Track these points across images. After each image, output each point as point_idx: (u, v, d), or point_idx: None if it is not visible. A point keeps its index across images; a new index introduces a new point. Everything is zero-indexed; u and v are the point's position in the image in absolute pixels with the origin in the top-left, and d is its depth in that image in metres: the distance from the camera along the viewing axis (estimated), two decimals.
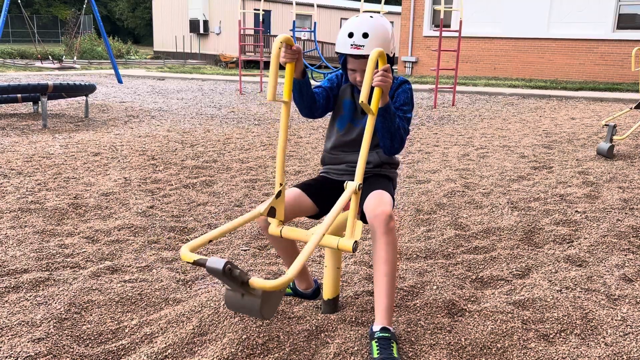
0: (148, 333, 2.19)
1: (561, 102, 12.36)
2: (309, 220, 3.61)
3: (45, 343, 2.09)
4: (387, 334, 2.03)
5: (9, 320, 2.26)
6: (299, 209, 2.28)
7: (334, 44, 26.49)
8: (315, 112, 2.34)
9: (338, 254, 2.28)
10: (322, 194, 2.31)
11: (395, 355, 1.98)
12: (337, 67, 13.41)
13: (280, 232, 2.09)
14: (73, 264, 2.88)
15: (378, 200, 2.09)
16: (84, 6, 20.00)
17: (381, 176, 2.34)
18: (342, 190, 2.08)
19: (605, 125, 6.02)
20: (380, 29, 2.16)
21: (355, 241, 1.98)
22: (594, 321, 2.31)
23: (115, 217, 3.66)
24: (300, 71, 2.19)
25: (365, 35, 2.13)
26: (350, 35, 2.15)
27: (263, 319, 1.78)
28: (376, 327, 2.06)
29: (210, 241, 1.85)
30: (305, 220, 3.62)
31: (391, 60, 2.24)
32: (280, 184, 2.09)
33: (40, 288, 2.58)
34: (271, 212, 2.08)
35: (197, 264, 1.66)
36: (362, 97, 1.92)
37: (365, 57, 2.14)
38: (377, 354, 1.98)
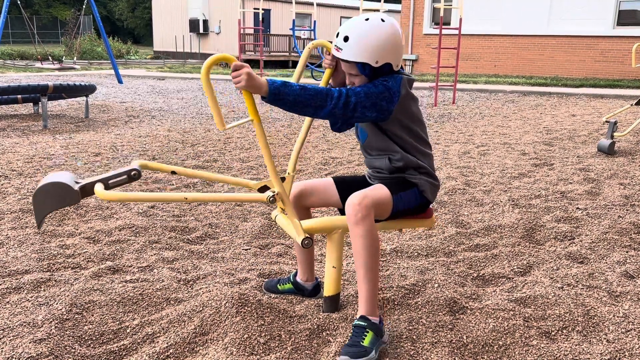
0: (150, 333, 2.19)
1: (562, 99, 12.34)
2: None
3: (47, 344, 2.10)
4: (363, 323, 2.04)
5: (10, 321, 2.27)
6: (325, 199, 2.39)
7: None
8: (343, 126, 2.34)
9: (338, 251, 2.28)
10: (350, 191, 2.33)
11: (366, 344, 1.98)
12: None
13: (275, 217, 2.32)
14: (74, 264, 2.88)
15: (359, 193, 2.07)
16: (84, 7, 20.00)
17: (400, 180, 2.23)
18: None
19: (606, 121, 6.01)
20: (367, 34, 2.03)
21: (306, 237, 2.15)
22: (595, 318, 2.31)
23: (116, 217, 3.66)
24: (339, 82, 2.25)
25: (345, 39, 2.05)
26: (337, 35, 2.10)
27: (34, 198, 1.82)
28: (357, 316, 2.09)
29: (174, 172, 2.13)
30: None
31: (378, 70, 2.09)
32: (289, 173, 2.23)
33: (42, 289, 2.58)
34: (262, 189, 2.21)
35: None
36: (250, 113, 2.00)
37: (345, 61, 2.10)
38: (348, 340, 2.02)
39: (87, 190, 1.81)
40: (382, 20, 2.07)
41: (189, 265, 2.91)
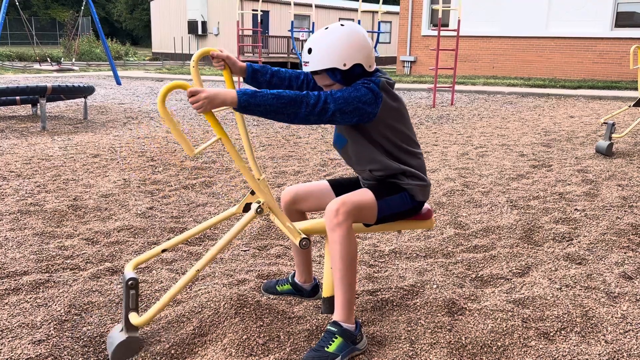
0: (148, 334, 2.19)
1: (560, 100, 12.37)
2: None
3: (46, 345, 2.10)
4: (333, 328, 2.04)
5: (9, 322, 2.27)
6: (321, 203, 2.36)
7: None
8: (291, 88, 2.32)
9: None
10: (347, 193, 2.32)
11: (331, 350, 1.98)
12: None
13: (274, 219, 2.28)
14: (73, 265, 2.88)
15: (338, 199, 2.07)
16: (82, 8, 20.00)
17: (388, 185, 2.21)
18: None
19: (604, 123, 6.02)
20: (326, 41, 2.04)
21: (304, 238, 2.14)
22: (594, 319, 2.32)
23: (114, 219, 3.66)
24: (242, 70, 2.23)
25: (309, 51, 2.08)
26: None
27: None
28: (330, 321, 2.09)
29: (164, 250, 2.24)
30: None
31: (349, 73, 2.07)
32: (258, 179, 2.20)
33: (40, 290, 2.58)
34: (247, 209, 2.20)
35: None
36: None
37: (315, 72, 2.09)
38: (315, 345, 2.04)
39: (131, 327, 2.05)
40: (342, 25, 2.08)
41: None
